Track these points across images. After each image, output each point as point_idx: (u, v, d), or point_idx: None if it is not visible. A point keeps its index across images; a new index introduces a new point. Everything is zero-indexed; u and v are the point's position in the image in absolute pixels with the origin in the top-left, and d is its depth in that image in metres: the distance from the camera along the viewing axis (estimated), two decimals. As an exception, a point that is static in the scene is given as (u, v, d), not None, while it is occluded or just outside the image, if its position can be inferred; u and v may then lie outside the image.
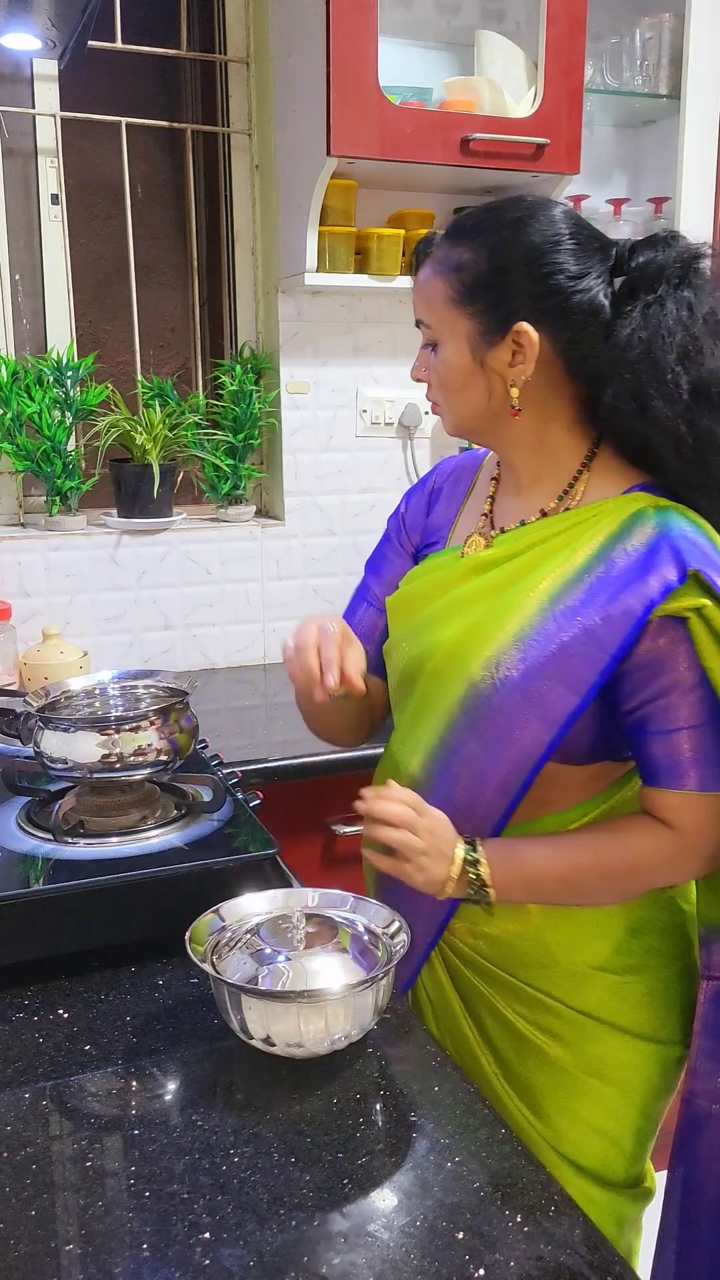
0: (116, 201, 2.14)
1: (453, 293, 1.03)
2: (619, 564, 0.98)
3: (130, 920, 1.02)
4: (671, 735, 0.98)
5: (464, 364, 1.04)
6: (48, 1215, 0.70)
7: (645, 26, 2.21)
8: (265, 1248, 0.67)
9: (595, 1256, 0.67)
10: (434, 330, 1.05)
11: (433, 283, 1.04)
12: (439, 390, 1.08)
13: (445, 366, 1.05)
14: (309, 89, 1.86)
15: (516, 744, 1.00)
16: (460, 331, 1.03)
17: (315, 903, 0.94)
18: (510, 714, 1.00)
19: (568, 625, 0.98)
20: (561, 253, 1.00)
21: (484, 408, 1.06)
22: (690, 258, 1.00)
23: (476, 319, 1.02)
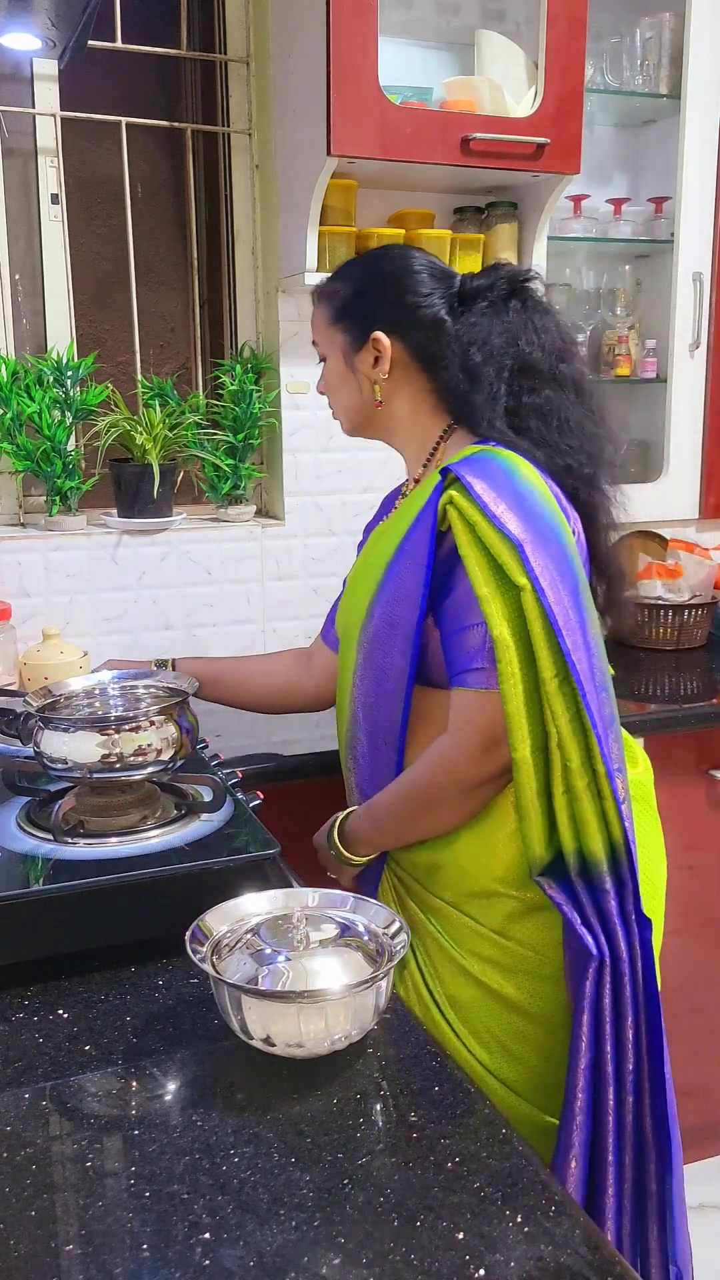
0: (116, 201, 2.14)
1: (329, 314, 1.32)
2: (430, 499, 1.18)
3: (130, 920, 1.02)
4: (452, 637, 1.15)
5: (340, 370, 1.32)
6: (48, 1215, 0.70)
7: (645, 26, 2.21)
8: (265, 1248, 0.67)
9: (596, 1257, 0.67)
10: (320, 347, 1.34)
11: (317, 310, 1.34)
12: (329, 395, 1.36)
13: (329, 374, 1.34)
14: (309, 89, 1.86)
15: (394, 665, 1.20)
16: (336, 345, 1.32)
17: (315, 903, 0.94)
18: (383, 639, 1.22)
19: (403, 556, 1.20)
20: (410, 278, 1.28)
21: (358, 404, 1.33)
22: (514, 279, 1.26)
23: (346, 333, 1.30)
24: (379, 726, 1.25)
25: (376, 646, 1.23)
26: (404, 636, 1.19)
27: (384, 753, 1.25)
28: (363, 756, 1.29)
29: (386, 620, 1.21)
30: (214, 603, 2.15)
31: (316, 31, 1.80)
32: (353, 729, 1.30)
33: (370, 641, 1.24)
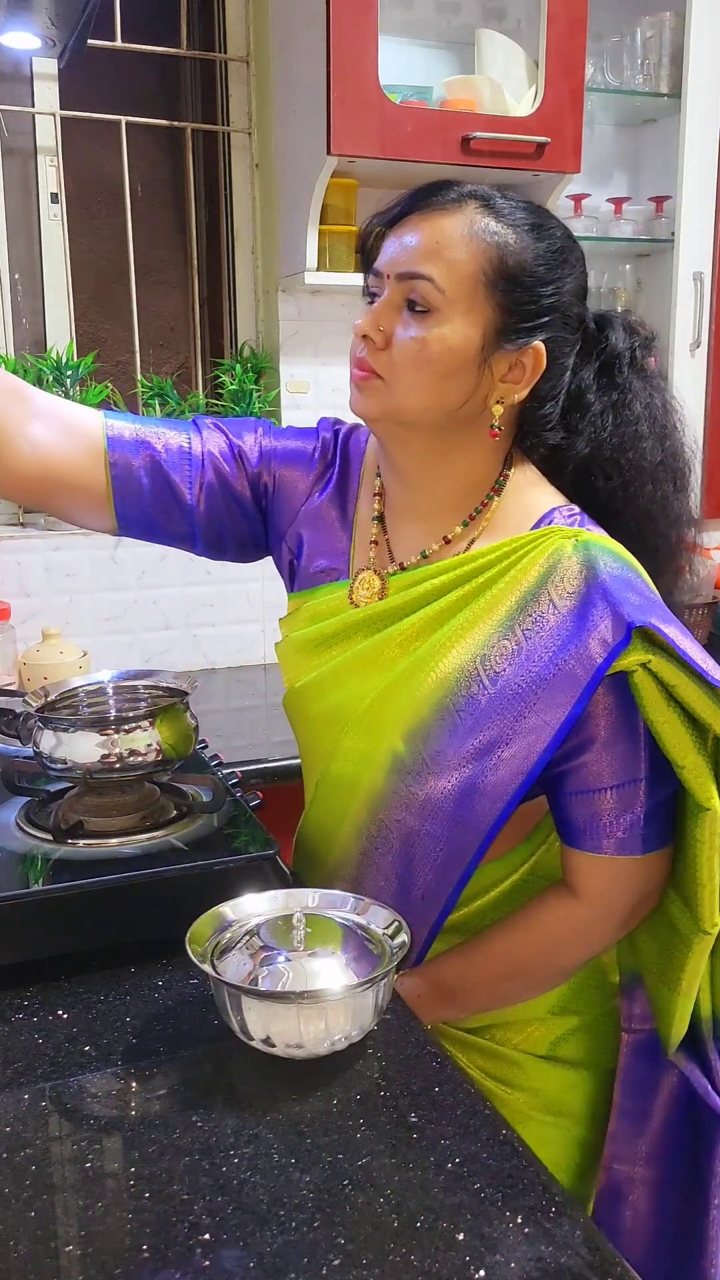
0: (116, 200, 2.13)
1: (489, 269, 0.90)
2: (549, 621, 0.90)
3: (130, 920, 1.02)
4: (588, 795, 0.93)
5: (465, 352, 0.90)
6: (47, 1216, 0.70)
7: (646, 25, 2.21)
8: (265, 1249, 0.67)
9: (596, 1258, 0.67)
10: (444, 297, 0.89)
11: (467, 246, 0.89)
12: (408, 364, 0.90)
13: (440, 343, 0.90)
14: (309, 88, 1.86)
15: (463, 824, 0.95)
16: (476, 316, 0.90)
17: (315, 903, 0.94)
18: (451, 795, 0.94)
19: (499, 699, 0.91)
20: (577, 292, 0.97)
21: (450, 408, 0.93)
22: (644, 344, 1.00)
23: (500, 310, 0.91)
24: (420, 878, 0.99)
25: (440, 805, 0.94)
26: (496, 801, 0.92)
27: (417, 904, 0.99)
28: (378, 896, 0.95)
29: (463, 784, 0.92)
30: (214, 603, 2.15)
31: (316, 31, 1.80)
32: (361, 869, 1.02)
33: (423, 789, 0.95)
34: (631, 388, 0.98)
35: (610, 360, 0.98)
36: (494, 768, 0.91)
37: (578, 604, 0.90)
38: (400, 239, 0.92)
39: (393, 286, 0.92)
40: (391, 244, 0.93)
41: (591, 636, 0.88)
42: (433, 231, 0.90)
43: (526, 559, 0.93)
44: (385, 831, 1.00)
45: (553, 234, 0.94)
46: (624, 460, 0.98)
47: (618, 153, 2.45)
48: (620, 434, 0.98)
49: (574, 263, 0.96)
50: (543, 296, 0.92)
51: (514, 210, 0.93)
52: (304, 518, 1.07)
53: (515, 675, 0.91)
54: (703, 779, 0.89)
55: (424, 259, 0.90)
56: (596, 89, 2.21)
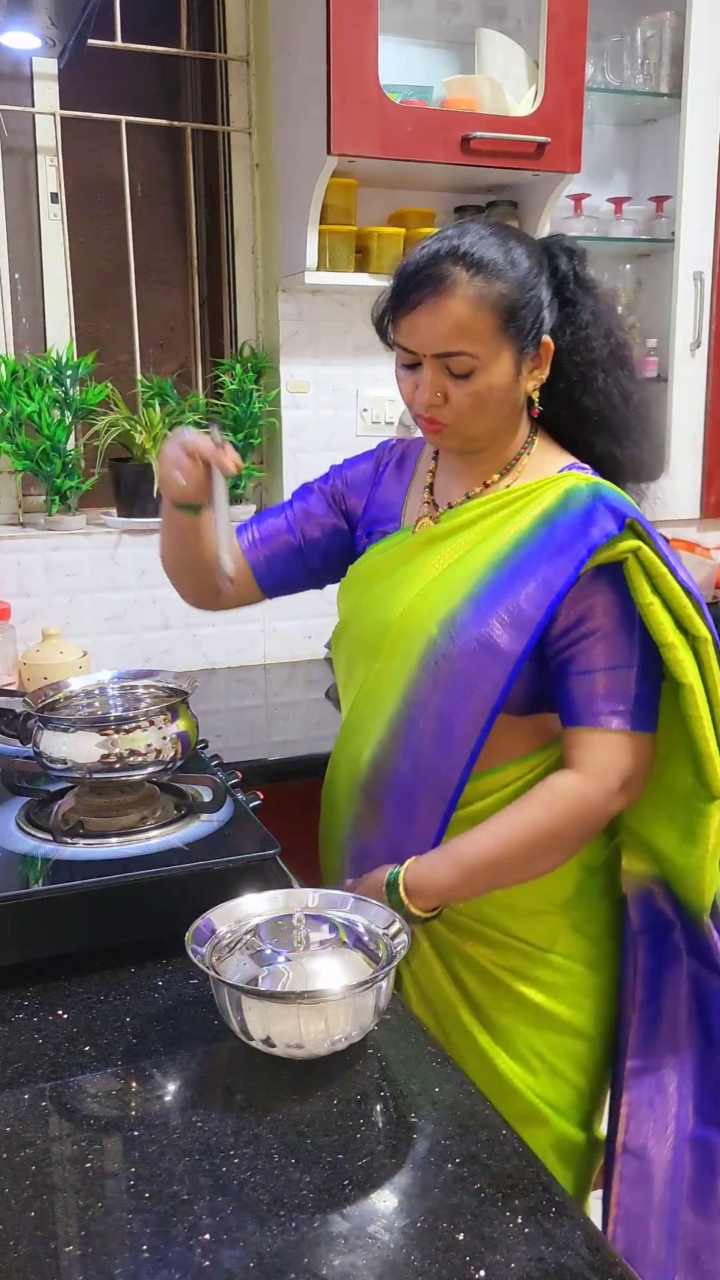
0: (116, 200, 2.13)
1: (498, 323, 1.08)
2: (560, 526, 1.09)
3: (130, 920, 1.02)
4: (587, 675, 1.09)
5: (507, 383, 1.11)
6: (47, 1216, 0.70)
7: (646, 25, 2.21)
8: (265, 1249, 0.67)
9: (596, 1258, 0.67)
10: (479, 360, 1.08)
11: (478, 318, 1.07)
12: (469, 412, 1.11)
13: (488, 389, 1.10)
14: (309, 87, 1.86)
15: (476, 692, 1.09)
16: (505, 354, 1.10)
17: (315, 903, 0.94)
18: (469, 663, 1.10)
19: (517, 579, 1.09)
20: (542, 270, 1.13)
21: (505, 417, 1.15)
22: (573, 254, 1.17)
23: (517, 340, 1.10)
24: (439, 754, 1.12)
25: (459, 666, 1.10)
26: (503, 662, 1.08)
27: (432, 782, 1.13)
28: (399, 782, 1.16)
29: (482, 642, 1.09)
30: (214, 602, 2.15)
31: (317, 30, 1.80)
32: (389, 752, 1.16)
33: (448, 658, 1.11)
34: (578, 300, 1.16)
35: (560, 284, 1.16)
36: (503, 631, 1.08)
37: (584, 511, 1.09)
38: (422, 326, 1.09)
39: (430, 361, 1.10)
40: (415, 329, 1.10)
41: (594, 527, 1.07)
42: (448, 316, 1.07)
43: (548, 490, 1.13)
44: (413, 711, 1.14)
45: (518, 248, 1.10)
46: (578, 358, 1.16)
47: (618, 153, 2.44)
48: (573, 340, 1.15)
49: (537, 254, 1.13)
50: (537, 307, 1.11)
51: (487, 249, 1.08)
52: (371, 500, 1.30)
53: (526, 563, 1.09)
54: (682, 655, 1.07)
55: (452, 340, 1.08)
56: (596, 89, 2.21)
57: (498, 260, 1.08)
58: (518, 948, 1.17)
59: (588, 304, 1.16)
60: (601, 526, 1.07)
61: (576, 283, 1.16)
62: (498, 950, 1.17)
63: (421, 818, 1.14)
